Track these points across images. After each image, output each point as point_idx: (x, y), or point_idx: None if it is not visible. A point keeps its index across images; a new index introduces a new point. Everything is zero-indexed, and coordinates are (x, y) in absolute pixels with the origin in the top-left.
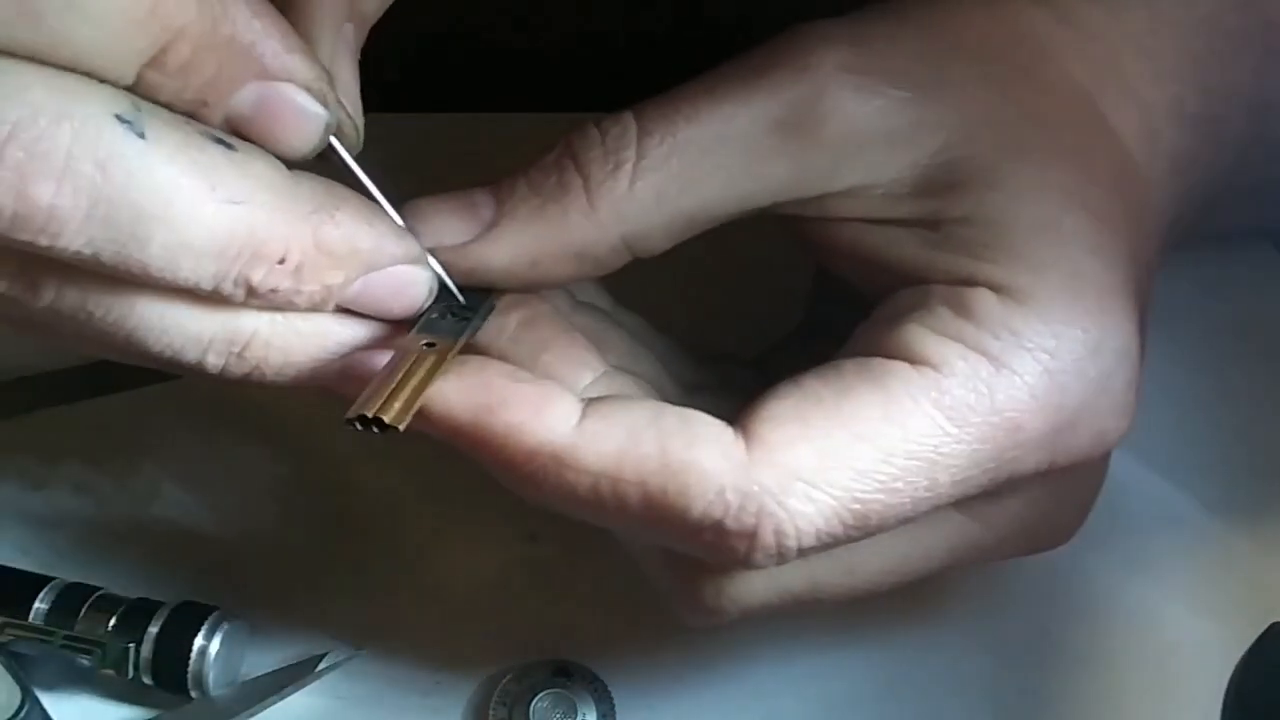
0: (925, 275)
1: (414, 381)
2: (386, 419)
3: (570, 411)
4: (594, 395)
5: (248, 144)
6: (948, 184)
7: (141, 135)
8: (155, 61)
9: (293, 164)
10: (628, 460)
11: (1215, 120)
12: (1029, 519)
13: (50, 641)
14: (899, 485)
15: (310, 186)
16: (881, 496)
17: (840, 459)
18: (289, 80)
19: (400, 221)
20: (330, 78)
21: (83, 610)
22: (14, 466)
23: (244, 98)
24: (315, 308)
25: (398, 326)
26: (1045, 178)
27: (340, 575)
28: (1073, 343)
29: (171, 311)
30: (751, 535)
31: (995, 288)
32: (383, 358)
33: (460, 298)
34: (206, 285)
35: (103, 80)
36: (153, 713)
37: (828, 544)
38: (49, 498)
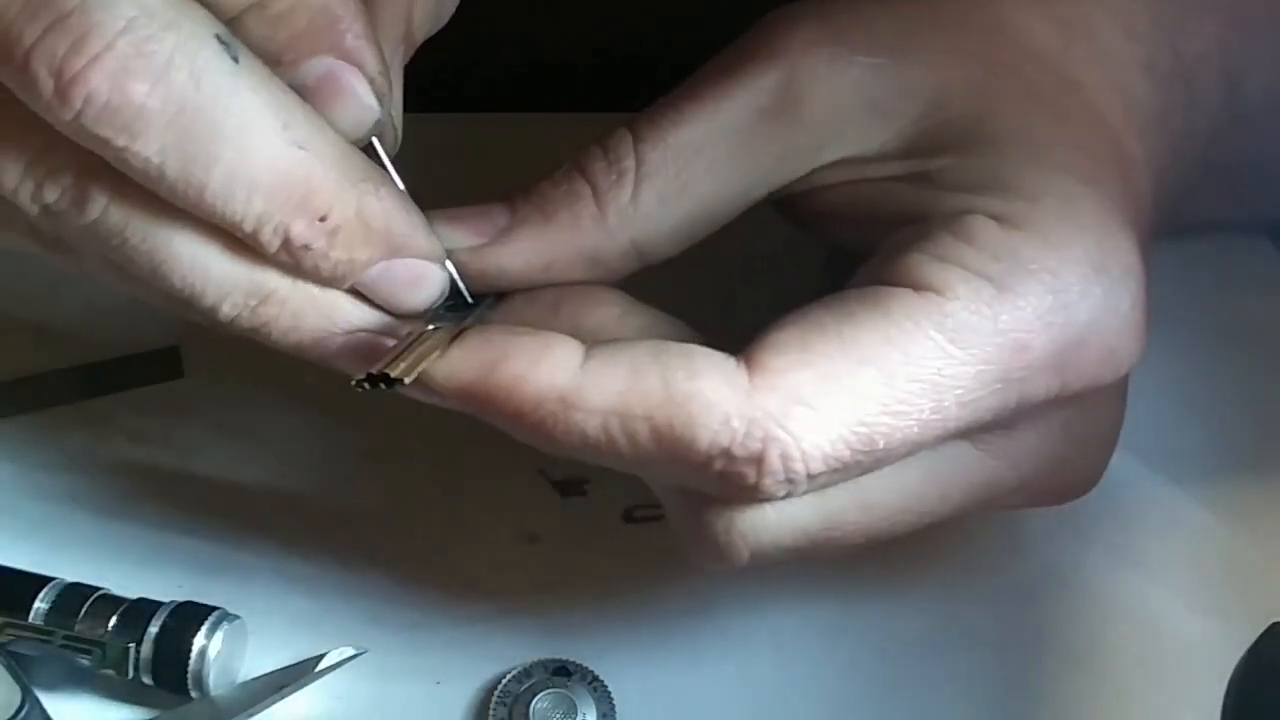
0: (923, 214)
1: (420, 349)
2: (392, 374)
3: (572, 355)
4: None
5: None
6: (933, 143)
7: (235, 59)
8: (259, 4)
9: None
10: (632, 396)
11: (1188, 83)
12: (1047, 457)
13: (50, 641)
14: (903, 407)
15: (364, 160)
16: (886, 419)
17: (842, 382)
18: (359, 65)
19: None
20: (390, 82)
21: (83, 610)
22: (14, 466)
23: (315, 67)
24: (335, 281)
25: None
26: (1027, 125)
27: (340, 576)
28: (1075, 262)
29: (204, 251)
30: (759, 460)
31: (994, 216)
32: (384, 343)
33: (469, 298)
34: (249, 225)
35: (211, 7)
36: (153, 713)
37: (836, 470)
38: (49, 498)
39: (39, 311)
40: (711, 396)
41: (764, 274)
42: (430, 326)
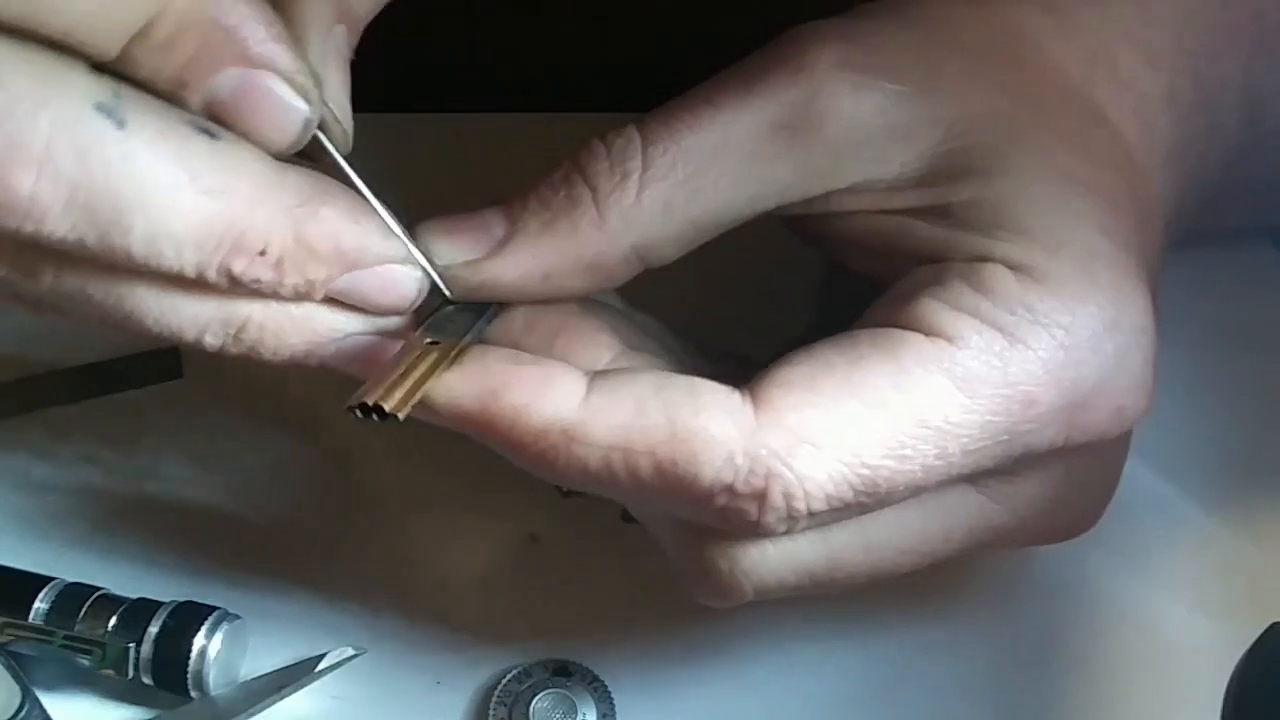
0: (940, 254)
1: (416, 374)
2: (387, 407)
3: (575, 387)
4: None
5: (234, 135)
6: (952, 172)
7: (121, 124)
8: (139, 36)
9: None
10: (636, 431)
11: (1209, 110)
12: (1049, 501)
13: (50, 641)
14: (907, 452)
15: (297, 180)
16: (890, 463)
17: (848, 424)
18: (270, 69)
19: (390, 220)
20: (316, 76)
21: (83, 610)
22: (14, 466)
23: (223, 83)
24: (302, 297)
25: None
26: (1048, 161)
27: (340, 576)
28: (1089, 319)
29: (167, 294)
30: (761, 498)
31: (1011, 265)
32: (381, 344)
33: (447, 292)
34: (190, 273)
35: (88, 54)
36: (153, 713)
37: (838, 510)
38: (49, 497)
39: None
40: (716, 433)
41: (771, 277)
42: (428, 340)
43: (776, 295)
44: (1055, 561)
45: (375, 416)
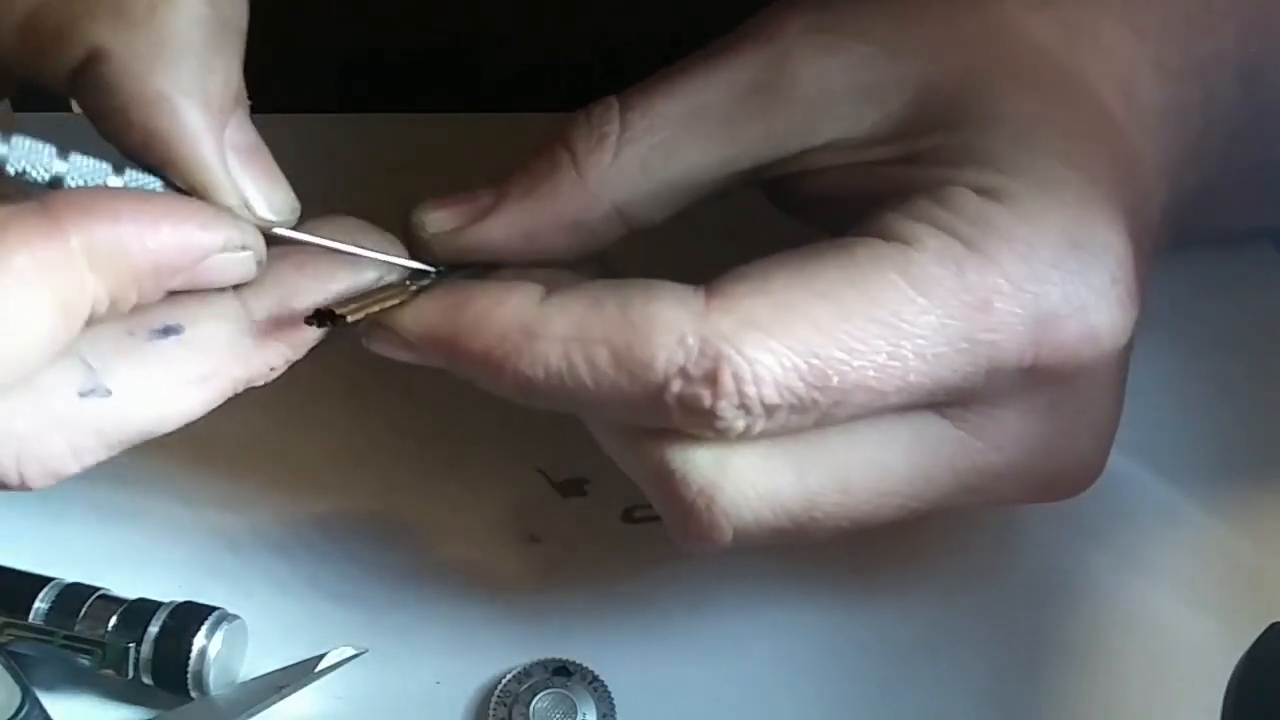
0: (907, 187)
1: (380, 298)
2: (338, 312)
3: (533, 293)
4: None
5: (196, 311)
6: (922, 123)
7: (108, 393)
8: (94, 318)
9: None
10: (592, 320)
11: (1203, 82)
12: (1035, 438)
13: (50, 641)
14: (858, 345)
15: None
16: (839, 353)
17: (797, 311)
18: (208, 255)
19: (356, 250)
20: (240, 205)
21: (83, 610)
22: None
23: (176, 284)
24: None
25: None
26: (1018, 106)
27: (340, 576)
28: (1049, 236)
29: None
30: (713, 381)
31: (974, 187)
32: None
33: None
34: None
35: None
36: (152, 713)
37: (794, 405)
38: (49, 498)
39: None
40: (668, 316)
41: None
42: (406, 282)
43: None
44: (1055, 561)
45: (329, 323)
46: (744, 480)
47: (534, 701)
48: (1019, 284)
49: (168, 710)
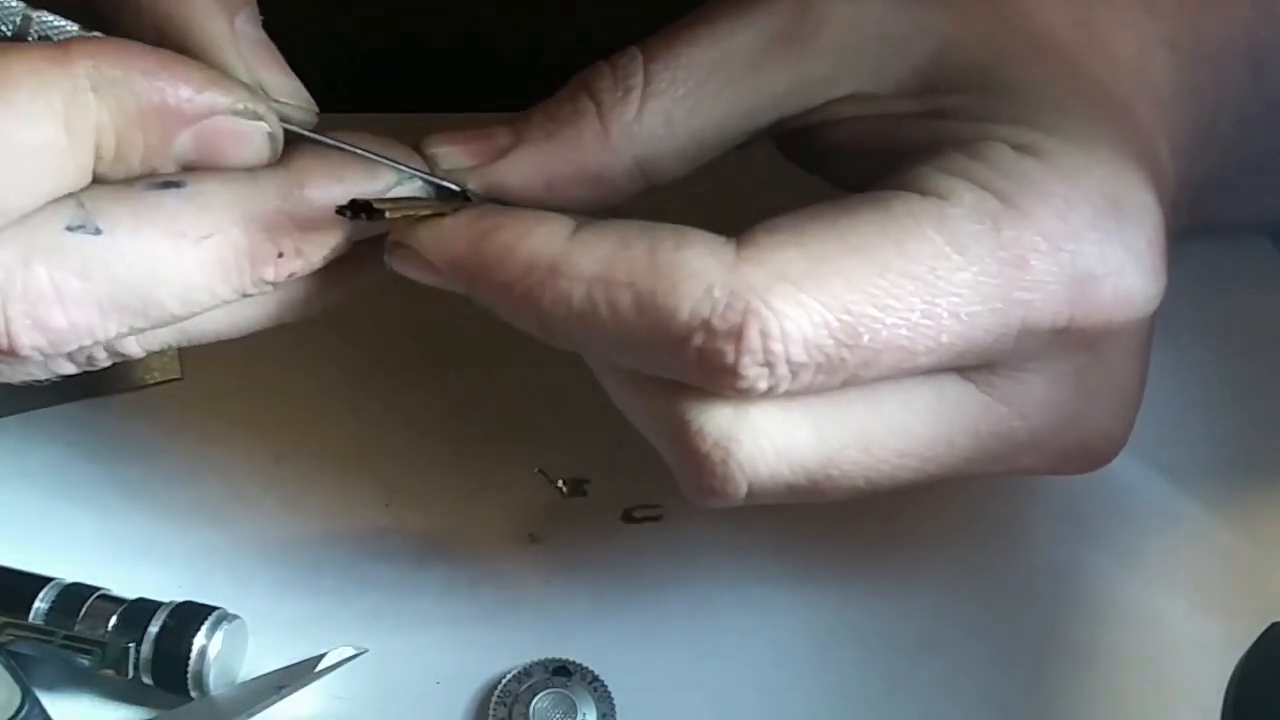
0: (939, 141)
1: (420, 211)
2: (376, 206)
3: (562, 226)
4: None
5: (199, 173)
6: (946, 82)
7: (97, 231)
8: (99, 161)
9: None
10: (618, 262)
11: (1215, 65)
12: (1060, 406)
13: (50, 641)
14: (892, 302)
15: (264, 184)
16: (873, 310)
17: (831, 265)
18: (214, 114)
19: (382, 159)
20: (254, 84)
21: (83, 610)
22: (14, 465)
23: (183, 146)
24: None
25: None
26: (1039, 76)
27: (340, 575)
28: (1088, 192)
29: (224, 313)
30: (738, 336)
31: (1010, 143)
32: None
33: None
34: (234, 298)
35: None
36: (152, 713)
37: (821, 364)
38: (49, 498)
39: None
40: (696, 265)
41: None
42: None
43: None
44: (1055, 560)
45: (363, 215)
46: (762, 434)
47: (534, 701)
48: (1056, 242)
49: (168, 710)
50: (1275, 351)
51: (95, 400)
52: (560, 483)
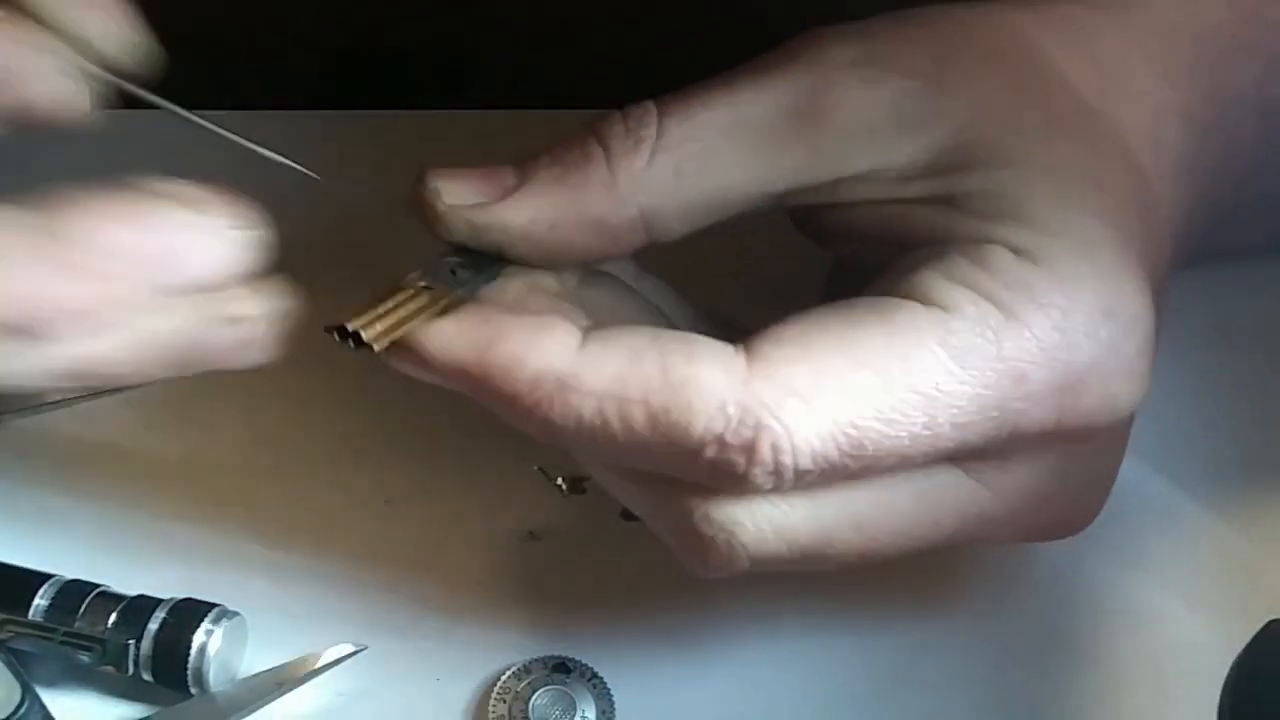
0: (942, 238)
1: (402, 312)
2: (365, 336)
3: (570, 337)
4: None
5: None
6: (959, 164)
7: None
8: None
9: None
10: (630, 379)
11: (1223, 126)
12: (1039, 494)
13: (50, 638)
14: (896, 416)
15: (19, 225)
16: (878, 424)
17: (838, 381)
18: (24, 78)
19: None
20: (75, 44)
21: (82, 607)
22: (14, 464)
23: None
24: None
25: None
26: (1054, 155)
27: (339, 572)
28: (1085, 303)
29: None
30: (750, 450)
31: (1010, 247)
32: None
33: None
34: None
35: None
36: (152, 709)
37: (825, 470)
38: (49, 495)
39: None
40: (709, 382)
41: (764, 292)
42: (421, 284)
43: (781, 296)
44: (1055, 559)
45: (351, 343)
46: (762, 519)
47: (533, 698)
48: (1052, 353)
49: (167, 707)
50: (1275, 351)
51: (94, 398)
52: (560, 480)
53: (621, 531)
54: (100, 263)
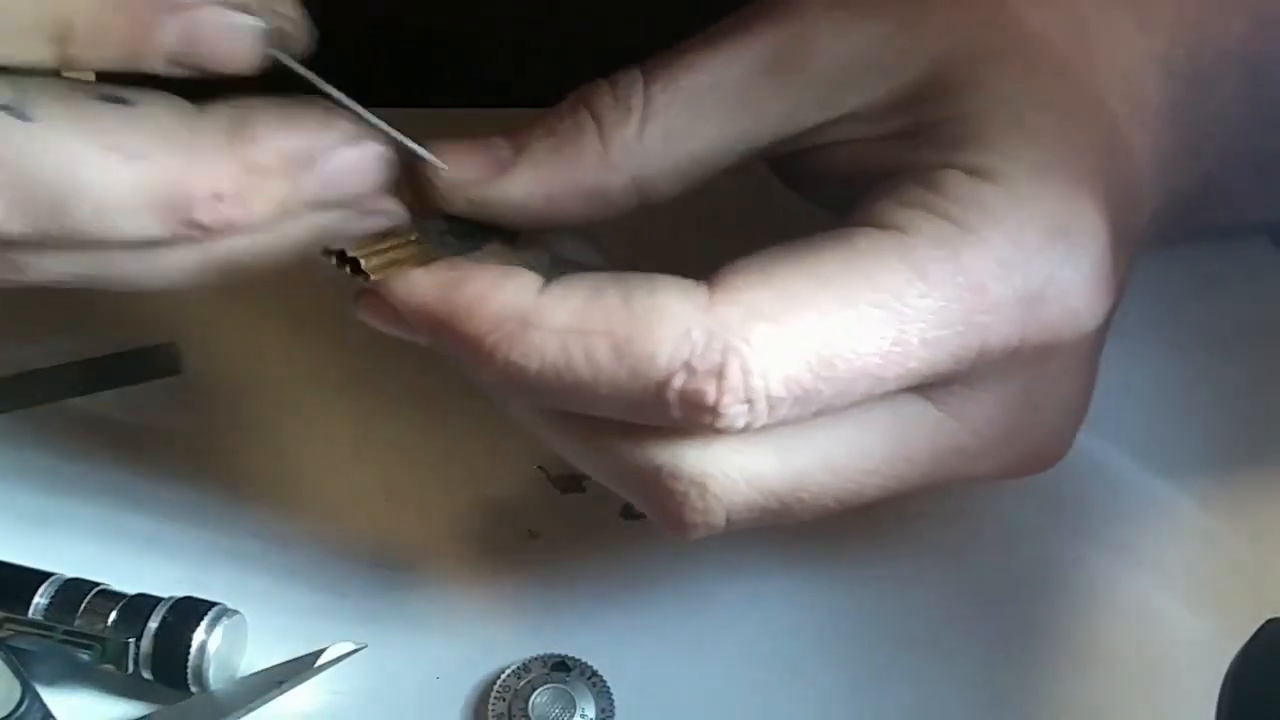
0: (901, 170)
1: (394, 255)
2: (364, 265)
3: (532, 281)
4: None
5: (152, 95)
6: (928, 95)
7: (28, 118)
8: (68, 40)
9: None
10: (593, 312)
11: (1206, 78)
12: (1011, 421)
13: (50, 637)
14: (864, 333)
15: (215, 117)
16: (848, 342)
17: (804, 300)
18: (204, 3)
19: (362, 111)
20: None
21: (82, 605)
22: (13, 461)
23: (168, 35)
24: (281, 218)
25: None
26: (1020, 86)
27: (339, 571)
28: (1039, 218)
29: (148, 255)
30: (719, 375)
31: (967, 169)
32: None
33: (419, 154)
34: (158, 234)
35: (28, 71)
36: (152, 708)
37: (797, 397)
38: (48, 493)
39: (36, 307)
40: (672, 309)
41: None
42: (413, 237)
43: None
44: (1052, 558)
45: (349, 269)
46: (731, 467)
47: (533, 696)
48: (1009, 266)
49: (167, 705)
50: (1274, 351)
51: (94, 396)
52: (559, 479)
53: (621, 530)
54: (279, 166)
